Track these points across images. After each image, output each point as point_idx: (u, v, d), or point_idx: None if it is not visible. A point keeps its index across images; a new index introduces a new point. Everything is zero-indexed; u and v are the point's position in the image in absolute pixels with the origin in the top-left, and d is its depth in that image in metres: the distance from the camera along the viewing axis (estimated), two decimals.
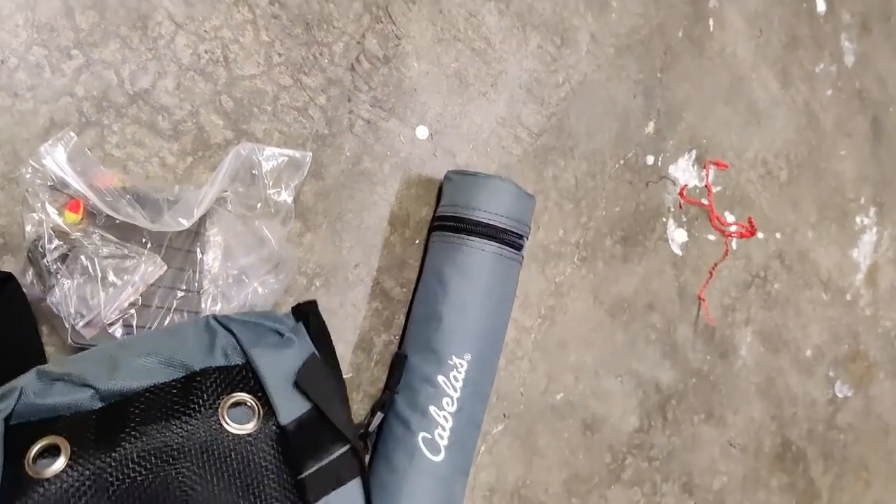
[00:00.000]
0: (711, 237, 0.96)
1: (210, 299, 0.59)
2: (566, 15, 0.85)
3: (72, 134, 0.55)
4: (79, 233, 0.55)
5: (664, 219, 0.92)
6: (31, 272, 0.54)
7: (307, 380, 0.46)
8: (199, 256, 0.59)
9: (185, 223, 0.57)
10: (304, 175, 0.65)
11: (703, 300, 0.94)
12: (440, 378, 0.64)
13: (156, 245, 0.58)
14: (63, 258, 0.54)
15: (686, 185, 0.94)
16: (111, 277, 0.55)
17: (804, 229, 1.07)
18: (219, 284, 0.59)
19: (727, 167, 0.98)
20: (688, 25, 0.96)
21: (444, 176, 0.72)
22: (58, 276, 0.53)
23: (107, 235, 0.56)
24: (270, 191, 0.63)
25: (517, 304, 0.76)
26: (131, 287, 0.56)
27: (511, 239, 0.68)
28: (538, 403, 0.80)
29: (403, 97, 0.74)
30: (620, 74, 0.89)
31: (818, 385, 1.07)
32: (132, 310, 0.56)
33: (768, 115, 1.04)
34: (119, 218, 0.55)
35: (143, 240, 0.57)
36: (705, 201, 0.95)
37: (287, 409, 0.44)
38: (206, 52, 0.64)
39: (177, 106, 0.63)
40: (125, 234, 0.56)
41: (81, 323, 0.54)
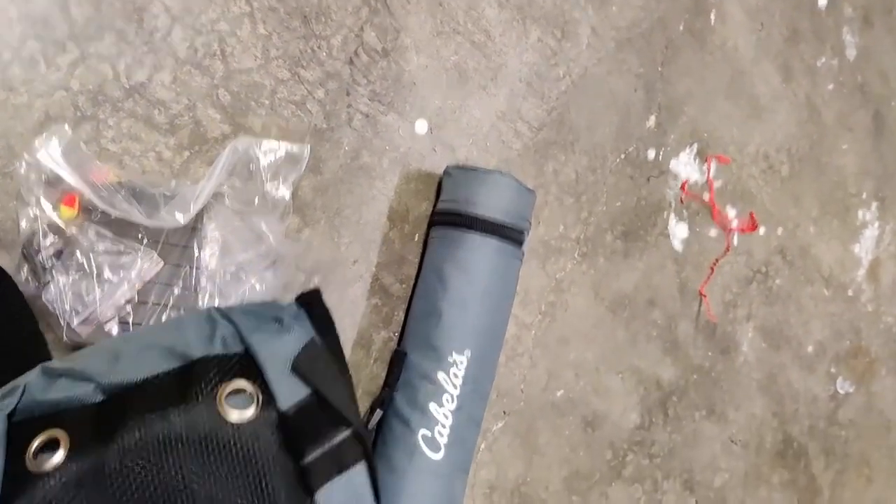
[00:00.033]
0: (713, 232, 0.95)
1: (207, 296, 0.58)
2: (566, 8, 0.84)
3: (67, 128, 0.55)
4: (74, 228, 0.54)
5: (665, 214, 0.91)
6: (26, 269, 0.53)
7: (306, 364, 0.45)
8: (196, 252, 0.59)
9: (182, 219, 0.56)
10: (303, 170, 0.64)
11: (705, 296, 0.94)
12: (440, 375, 0.63)
13: (152, 241, 0.57)
14: (58, 254, 0.54)
15: (687, 180, 0.93)
16: (107, 274, 0.54)
17: (806, 224, 1.06)
18: (216, 281, 0.59)
19: (729, 162, 0.97)
20: (689, 19, 0.96)
21: (444, 171, 0.71)
22: (53, 273, 0.53)
23: (102, 231, 0.55)
24: (268, 186, 0.62)
25: (517, 301, 0.75)
26: (127, 284, 0.55)
27: (511, 234, 0.67)
28: (539, 400, 0.79)
29: (402, 91, 0.73)
30: (621, 68, 0.89)
31: (820, 381, 1.06)
32: (128, 307, 0.56)
33: (770, 110, 1.03)
34: (115, 213, 0.55)
35: (140, 235, 0.57)
36: (706, 196, 0.95)
37: (286, 395, 0.43)
38: (203, 46, 0.63)
39: (173, 100, 0.62)
40: (121, 230, 0.56)
41: (77, 320, 0.53)
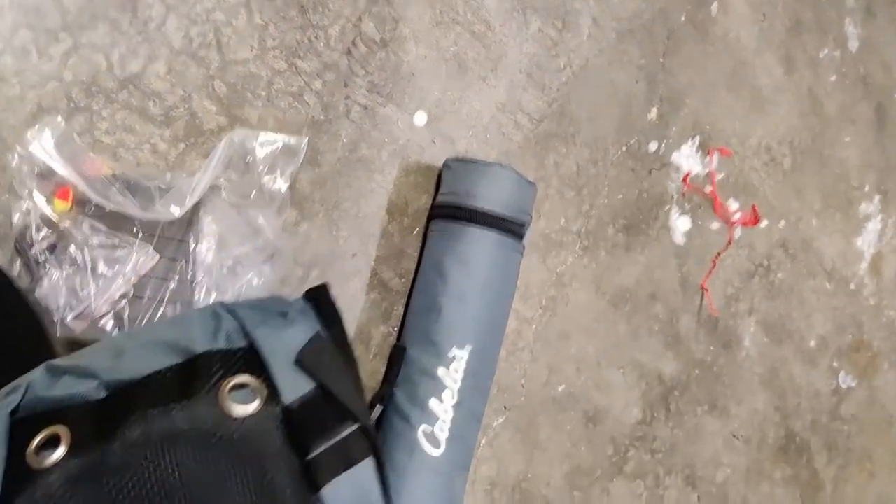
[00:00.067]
0: (715, 225, 0.95)
1: (203, 290, 0.58)
2: None
3: (60, 120, 0.54)
4: (68, 222, 0.53)
5: (667, 207, 0.90)
6: (19, 263, 0.53)
7: (311, 358, 0.44)
8: (192, 246, 0.58)
9: (178, 212, 0.56)
10: (300, 162, 0.63)
11: (706, 290, 0.93)
12: (440, 370, 0.63)
13: (147, 234, 0.56)
14: (51, 248, 0.53)
15: (689, 173, 0.92)
16: (101, 268, 0.54)
17: (808, 217, 1.05)
18: (212, 275, 0.58)
19: (731, 154, 0.97)
20: (691, 10, 0.95)
21: (443, 163, 0.70)
22: (46, 267, 0.52)
23: (97, 224, 0.54)
24: (265, 178, 0.61)
25: (518, 295, 0.75)
26: (122, 278, 0.55)
27: (512, 227, 0.66)
28: (539, 395, 0.79)
29: (401, 82, 0.72)
30: (623, 59, 0.88)
31: (822, 375, 1.06)
32: (123, 301, 0.55)
33: (772, 102, 1.02)
34: (109, 206, 0.54)
35: (135, 229, 0.56)
36: (708, 189, 0.94)
37: (290, 389, 0.43)
38: (199, 36, 0.62)
39: (168, 91, 0.61)
40: (116, 223, 0.55)
41: (71, 315, 0.53)
